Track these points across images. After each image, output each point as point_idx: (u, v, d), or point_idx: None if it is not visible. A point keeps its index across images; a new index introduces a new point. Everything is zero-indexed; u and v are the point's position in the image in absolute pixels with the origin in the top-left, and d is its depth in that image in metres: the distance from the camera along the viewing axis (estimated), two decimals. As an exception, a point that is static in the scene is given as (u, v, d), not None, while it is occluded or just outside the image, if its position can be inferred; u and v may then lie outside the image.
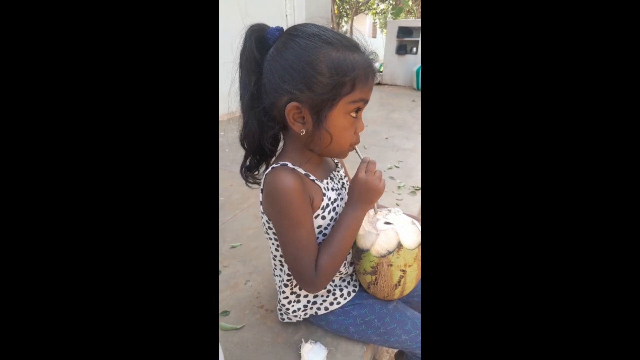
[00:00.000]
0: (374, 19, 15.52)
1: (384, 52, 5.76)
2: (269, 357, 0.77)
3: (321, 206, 0.64)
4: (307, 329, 0.83)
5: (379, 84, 5.76)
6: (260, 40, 0.58)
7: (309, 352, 0.76)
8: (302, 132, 0.58)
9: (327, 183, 0.67)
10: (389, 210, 0.74)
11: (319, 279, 0.62)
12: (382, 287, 0.70)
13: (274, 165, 0.61)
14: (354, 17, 10.32)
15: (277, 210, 0.60)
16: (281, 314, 0.81)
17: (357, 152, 0.67)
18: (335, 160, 0.77)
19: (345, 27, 10.79)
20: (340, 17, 10.91)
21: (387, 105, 4.08)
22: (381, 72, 5.84)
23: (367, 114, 0.63)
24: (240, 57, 0.59)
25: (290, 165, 0.61)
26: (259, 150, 0.65)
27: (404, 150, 2.42)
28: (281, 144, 0.67)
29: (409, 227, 0.69)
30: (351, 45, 0.56)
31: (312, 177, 0.63)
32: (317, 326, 0.82)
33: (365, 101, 0.59)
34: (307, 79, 0.54)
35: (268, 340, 0.81)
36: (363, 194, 0.63)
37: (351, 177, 0.73)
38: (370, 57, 0.58)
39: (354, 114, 0.59)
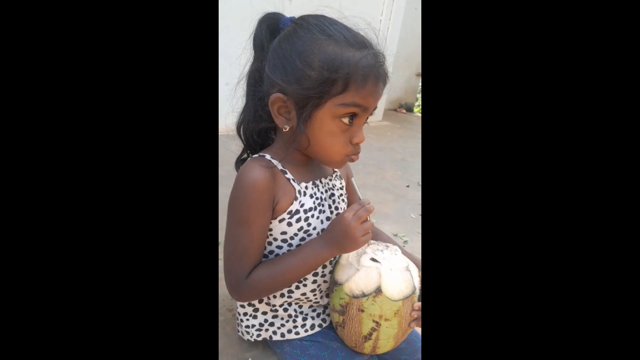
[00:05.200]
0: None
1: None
2: (210, 367, 0.68)
3: (288, 210, 0.56)
4: (263, 350, 0.73)
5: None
6: (271, 28, 0.55)
7: (252, 377, 0.65)
8: (286, 128, 0.53)
9: (307, 188, 0.58)
10: (387, 247, 0.61)
11: (245, 290, 0.56)
12: (349, 334, 0.58)
13: (253, 156, 0.57)
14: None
15: (231, 199, 0.55)
16: (238, 325, 0.72)
17: (355, 187, 0.61)
18: (336, 170, 0.67)
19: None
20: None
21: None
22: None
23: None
24: (252, 43, 0.57)
25: (268, 157, 0.55)
26: (251, 142, 0.61)
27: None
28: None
29: (399, 272, 0.56)
30: (356, 42, 0.48)
31: (288, 176, 0.56)
32: (273, 351, 0.71)
33: (363, 107, 0.50)
34: (296, 71, 0.49)
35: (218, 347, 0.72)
36: (339, 238, 0.52)
37: (353, 194, 0.66)
38: (378, 58, 0.49)
39: (346, 120, 0.50)
